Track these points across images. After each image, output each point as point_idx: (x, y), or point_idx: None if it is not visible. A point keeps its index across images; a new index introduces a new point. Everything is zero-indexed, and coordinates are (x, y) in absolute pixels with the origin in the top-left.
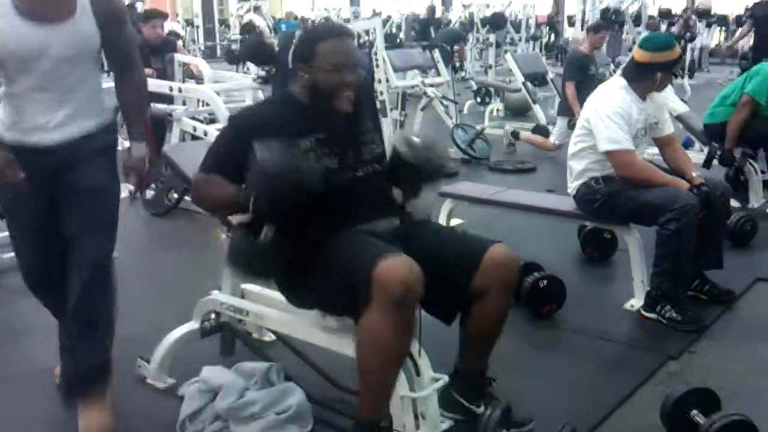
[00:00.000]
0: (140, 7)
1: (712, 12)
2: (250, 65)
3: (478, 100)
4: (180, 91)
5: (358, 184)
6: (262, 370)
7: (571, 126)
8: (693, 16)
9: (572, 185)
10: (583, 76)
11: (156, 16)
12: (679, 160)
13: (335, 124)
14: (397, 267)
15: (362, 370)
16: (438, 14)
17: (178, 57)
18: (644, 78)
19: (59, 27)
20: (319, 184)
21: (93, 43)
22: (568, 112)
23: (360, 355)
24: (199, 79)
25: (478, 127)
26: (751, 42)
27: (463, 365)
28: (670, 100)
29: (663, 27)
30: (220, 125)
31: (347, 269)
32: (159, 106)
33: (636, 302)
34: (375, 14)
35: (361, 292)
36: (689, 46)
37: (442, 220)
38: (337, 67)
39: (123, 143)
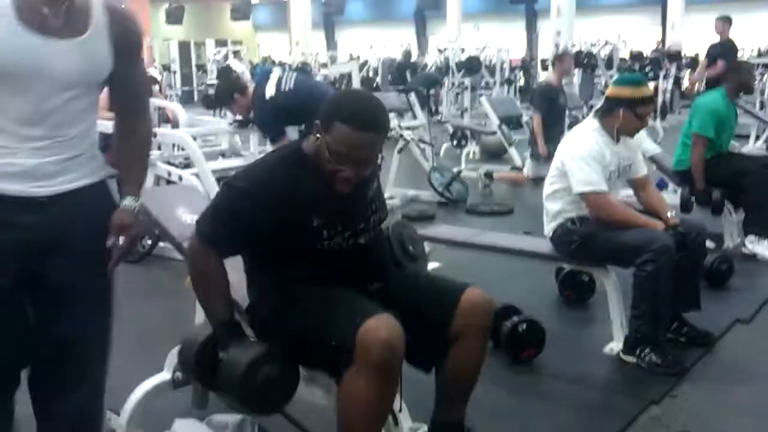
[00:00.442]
0: None
1: (683, 54)
2: (228, 111)
3: (455, 143)
4: (155, 135)
5: (359, 250)
6: (235, 424)
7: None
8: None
9: (549, 227)
10: (551, 107)
11: None
12: (653, 201)
13: (347, 196)
14: (380, 329)
15: (343, 430)
16: (414, 58)
17: (154, 101)
18: (608, 113)
19: (67, 43)
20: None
21: (104, 70)
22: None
23: (341, 416)
24: (174, 124)
25: (455, 170)
26: None
27: (440, 414)
28: (643, 141)
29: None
30: (194, 170)
31: (329, 328)
32: None
33: (615, 346)
34: (352, 59)
35: (343, 353)
36: (660, 86)
37: None
38: (346, 159)
39: None
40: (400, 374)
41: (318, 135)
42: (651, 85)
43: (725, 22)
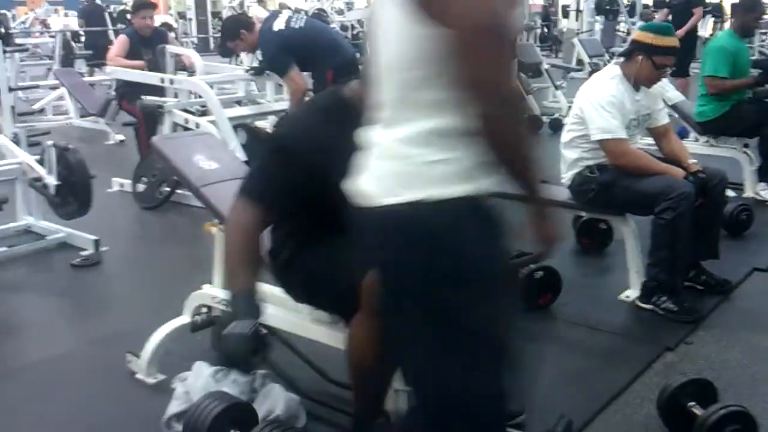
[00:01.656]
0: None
1: (707, 1)
2: (244, 58)
3: None
4: (171, 82)
5: None
6: (247, 381)
7: None
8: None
9: (566, 175)
10: None
11: (145, 6)
12: (674, 149)
13: None
14: None
15: (353, 375)
16: None
17: (170, 48)
18: (629, 58)
19: None
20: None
21: None
22: None
23: (350, 360)
24: (190, 71)
25: None
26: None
27: None
28: (665, 89)
29: (657, 16)
30: (212, 117)
31: (337, 275)
32: (150, 98)
33: (632, 293)
34: (369, 5)
35: (350, 298)
36: (679, 33)
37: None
38: None
39: (114, 136)
40: None
41: None
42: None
43: None
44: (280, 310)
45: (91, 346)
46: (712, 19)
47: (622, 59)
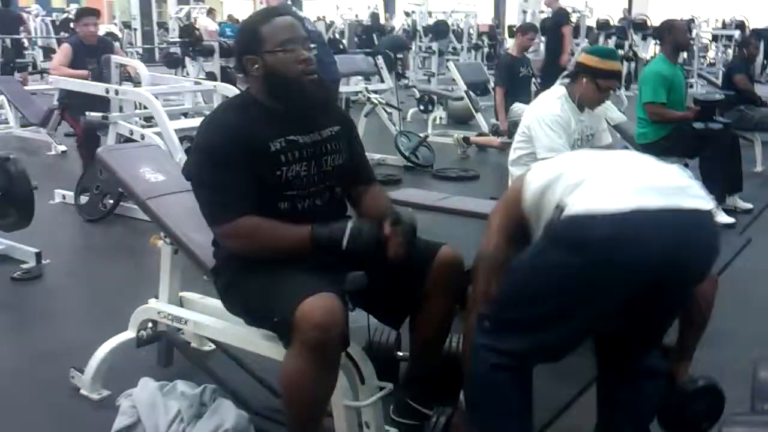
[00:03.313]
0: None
1: (648, 24)
2: (190, 68)
3: (422, 107)
4: (116, 93)
5: (318, 211)
6: (196, 395)
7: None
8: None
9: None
10: (513, 78)
11: (87, 13)
12: None
13: (303, 125)
14: (315, 310)
15: (285, 405)
16: (382, 21)
17: (115, 58)
18: (574, 80)
19: None
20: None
21: None
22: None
23: (282, 393)
24: (136, 82)
25: (422, 135)
26: (684, 56)
27: (413, 369)
28: (608, 110)
29: (601, 39)
30: (157, 129)
31: (274, 302)
32: (93, 114)
33: None
34: (318, 20)
35: (282, 330)
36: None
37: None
38: (289, 43)
39: (56, 147)
40: (339, 356)
41: (256, 65)
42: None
43: None
44: (226, 324)
45: (33, 362)
46: (653, 41)
47: (567, 80)
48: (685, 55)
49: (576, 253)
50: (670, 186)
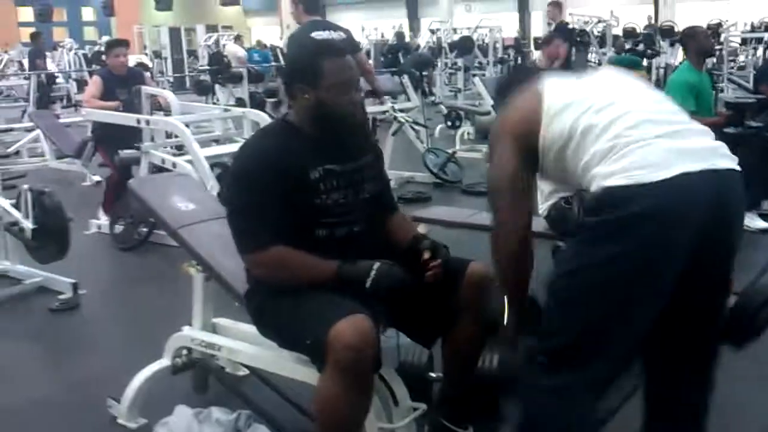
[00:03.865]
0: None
1: (675, 30)
2: (219, 95)
3: (449, 123)
4: (147, 123)
5: (356, 238)
6: (231, 421)
7: None
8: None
9: (543, 206)
10: None
11: (117, 44)
12: None
13: (342, 154)
14: (347, 333)
15: (319, 427)
16: (407, 39)
17: (145, 89)
18: None
19: None
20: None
21: None
22: None
23: (316, 417)
24: (166, 111)
25: (450, 151)
26: (714, 60)
27: (447, 389)
28: None
29: (627, 45)
30: (188, 156)
31: (307, 326)
32: (126, 152)
33: None
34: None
35: (316, 352)
36: (653, 63)
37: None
38: (345, 87)
39: (91, 177)
40: (372, 378)
41: (307, 96)
42: (644, 62)
43: (555, 7)
44: (259, 349)
45: (71, 391)
46: (681, 47)
47: None
48: (714, 59)
49: (627, 228)
50: (705, 147)
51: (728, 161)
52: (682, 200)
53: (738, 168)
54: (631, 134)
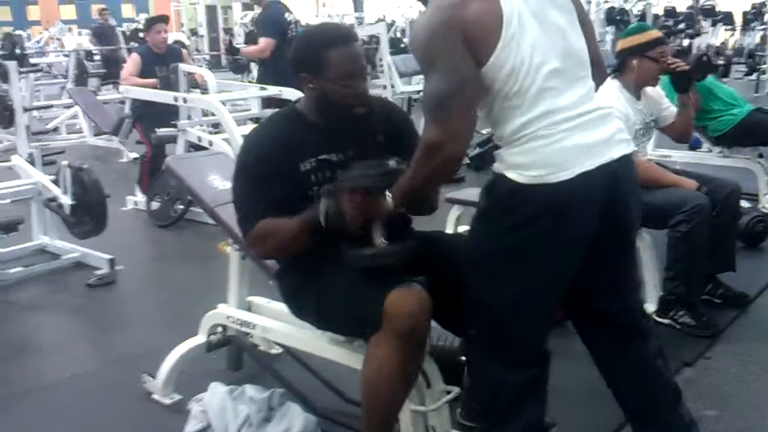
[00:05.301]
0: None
1: (717, 10)
2: (255, 73)
3: None
4: (185, 101)
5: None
6: (264, 399)
7: None
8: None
9: None
10: None
11: (157, 20)
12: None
13: (344, 143)
14: (406, 300)
15: (368, 399)
16: None
17: (183, 67)
18: (623, 69)
19: None
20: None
21: None
22: None
23: (366, 385)
24: (203, 89)
25: (485, 131)
26: (757, 40)
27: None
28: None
29: (668, 24)
30: (225, 135)
31: (358, 297)
32: (163, 131)
33: (650, 307)
34: (380, 20)
35: (370, 321)
36: (694, 43)
37: (449, 228)
38: (351, 77)
39: (128, 154)
40: (426, 344)
41: (310, 85)
42: (686, 42)
43: None
44: (293, 328)
45: (107, 366)
46: (723, 27)
47: (614, 75)
48: (757, 38)
49: (527, 223)
50: (606, 138)
51: (623, 147)
52: (579, 199)
53: (629, 151)
54: (543, 125)
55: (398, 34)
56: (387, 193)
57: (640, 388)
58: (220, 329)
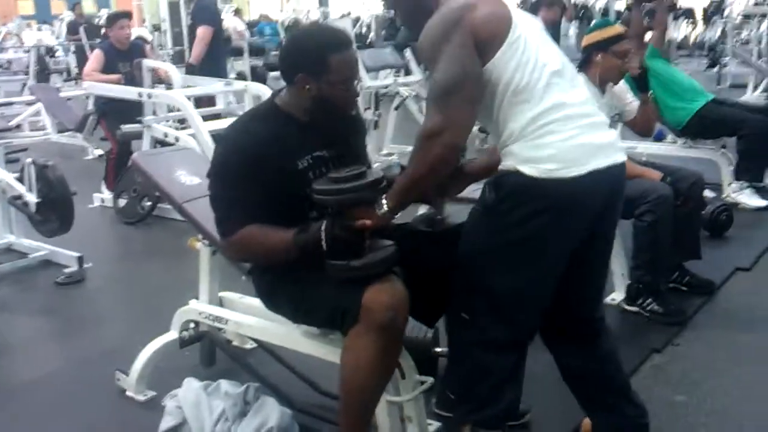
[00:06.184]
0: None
1: (678, 5)
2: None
3: None
4: (149, 97)
5: None
6: (239, 393)
7: None
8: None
9: None
10: None
11: (121, 16)
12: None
13: (331, 139)
14: (384, 293)
15: (346, 391)
16: None
17: (146, 62)
18: (587, 63)
19: None
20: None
21: None
22: None
23: (344, 377)
24: (168, 85)
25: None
26: (718, 34)
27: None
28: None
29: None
30: (191, 130)
31: (336, 290)
32: (129, 127)
33: (617, 296)
34: (344, 15)
35: (348, 314)
36: None
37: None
38: (350, 81)
39: (93, 151)
40: (403, 336)
41: (308, 86)
42: (648, 36)
43: None
44: (267, 323)
45: (79, 365)
46: (685, 21)
47: (579, 70)
48: (718, 32)
49: (534, 216)
50: (610, 142)
51: (622, 154)
52: (585, 196)
53: (624, 159)
54: (556, 118)
55: (364, 30)
56: (381, 198)
57: (605, 382)
58: (192, 325)
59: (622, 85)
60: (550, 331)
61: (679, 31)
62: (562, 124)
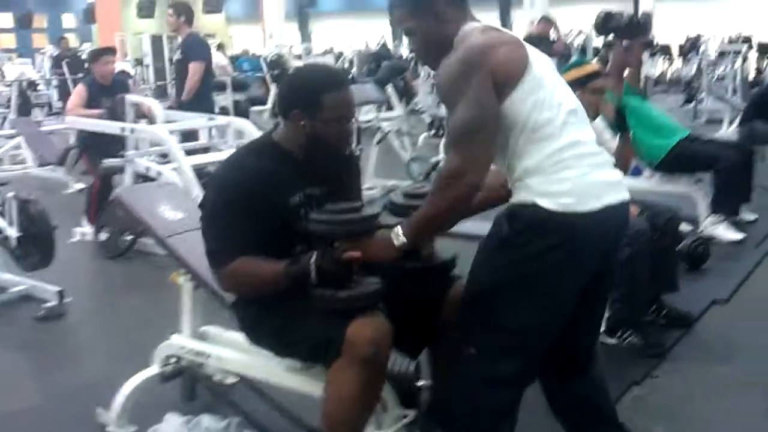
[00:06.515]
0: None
1: (655, 42)
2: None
3: (433, 132)
4: (132, 131)
5: None
6: (221, 428)
7: None
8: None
9: None
10: None
11: (105, 52)
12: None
13: (324, 177)
14: (368, 327)
15: (329, 425)
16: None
17: (129, 98)
18: None
19: None
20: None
21: None
22: None
23: (327, 410)
24: (150, 120)
25: (434, 160)
26: (694, 70)
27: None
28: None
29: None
30: (174, 165)
31: (320, 323)
32: (111, 161)
33: None
34: (327, 51)
35: (331, 348)
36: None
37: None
38: (344, 120)
39: (73, 185)
40: (385, 371)
41: (302, 123)
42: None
43: (546, 23)
44: (249, 357)
45: (60, 400)
46: (662, 58)
47: None
48: (693, 68)
49: (550, 251)
50: (619, 180)
51: (627, 192)
52: (598, 231)
53: (629, 198)
54: (572, 155)
55: (346, 65)
56: (398, 230)
57: (594, 410)
58: (173, 360)
59: (599, 123)
60: (544, 363)
61: (656, 67)
62: (576, 161)
